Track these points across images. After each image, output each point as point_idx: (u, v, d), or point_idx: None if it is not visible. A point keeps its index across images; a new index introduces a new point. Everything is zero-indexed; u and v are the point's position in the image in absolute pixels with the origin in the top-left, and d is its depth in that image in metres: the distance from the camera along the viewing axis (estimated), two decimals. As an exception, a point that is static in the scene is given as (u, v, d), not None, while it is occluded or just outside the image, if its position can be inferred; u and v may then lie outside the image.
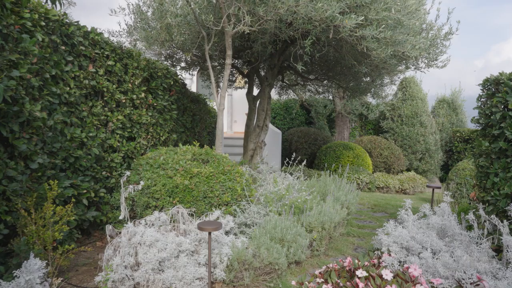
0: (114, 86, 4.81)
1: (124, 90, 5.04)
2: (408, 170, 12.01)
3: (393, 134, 12.30)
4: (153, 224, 3.75)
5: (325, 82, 9.72)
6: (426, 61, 6.40)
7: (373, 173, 10.90)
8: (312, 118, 14.21)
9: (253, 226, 4.22)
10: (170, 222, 3.90)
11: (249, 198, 4.52)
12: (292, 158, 6.09)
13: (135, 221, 3.80)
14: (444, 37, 5.93)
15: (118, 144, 4.93)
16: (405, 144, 12.01)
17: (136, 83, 5.23)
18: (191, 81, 13.44)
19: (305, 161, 5.86)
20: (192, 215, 4.06)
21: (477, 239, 3.22)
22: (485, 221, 3.21)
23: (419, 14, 5.15)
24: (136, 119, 5.26)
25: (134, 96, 5.17)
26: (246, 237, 3.97)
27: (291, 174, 6.22)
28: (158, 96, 5.77)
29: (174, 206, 4.01)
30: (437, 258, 2.88)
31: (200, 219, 4.00)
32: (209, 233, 3.13)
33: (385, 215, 6.95)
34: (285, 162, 8.38)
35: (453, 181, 8.12)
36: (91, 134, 4.38)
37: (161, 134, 5.87)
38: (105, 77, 4.68)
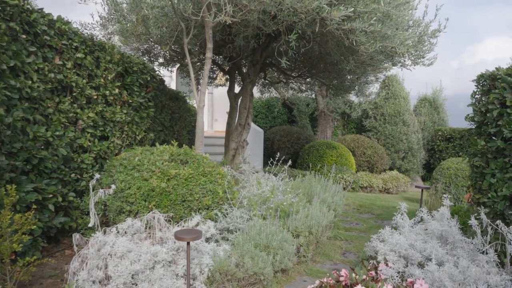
0: (84, 80, 4.42)
1: (96, 85, 4.65)
2: (391, 169, 11.92)
3: (376, 133, 12.18)
4: (125, 232, 3.40)
5: (308, 79, 9.47)
6: (412, 58, 6.22)
7: (356, 172, 10.75)
8: (294, 117, 13.97)
9: (236, 231, 3.92)
10: (146, 229, 3.56)
11: (231, 201, 4.21)
12: (276, 158, 5.80)
13: (105, 229, 3.44)
14: (431, 34, 5.76)
15: (89, 143, 4.55)
16: (388, 143, 11.90)
17: (109, 78, 4.84)
18: (170, 78, 12.98)
19: (290, 161, 5.58)
20: (169, 220, 3.73)
21: (480, 246, 2.99)
22: (486, 226, 3.00)
23: (408, 7, 4.95)
24: (110, 117, 4.87)
25: (107, 92, 4.79)
26: (228, 244, 3.66)
27: (275, 175, 5.94)
28: (133, 93, 5.39)
29: (150, 211, 3.67)
30: (442, 271, 2.64)
31: (179, 225, 3.67)
32: (188, 243, 2.82)
33: (371, 216, 6.76)
34: (268, 162, 8.10)
35: (438, 181, 8.02)
36: (57, 133, 3.98)
37: (137, 133, 5.50)
38: (73, 70, 4.29)
